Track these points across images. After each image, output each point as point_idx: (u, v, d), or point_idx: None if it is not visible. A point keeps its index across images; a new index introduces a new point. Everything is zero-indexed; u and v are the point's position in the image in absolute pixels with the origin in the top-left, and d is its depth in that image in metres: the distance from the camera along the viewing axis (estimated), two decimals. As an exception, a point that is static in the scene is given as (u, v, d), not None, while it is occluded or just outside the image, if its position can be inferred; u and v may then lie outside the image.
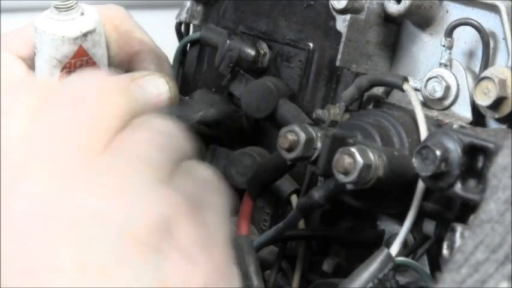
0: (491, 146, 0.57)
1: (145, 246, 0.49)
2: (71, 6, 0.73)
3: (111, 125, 0.53)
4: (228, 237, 0.56)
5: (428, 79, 0.69)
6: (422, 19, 0.72)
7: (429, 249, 0.68)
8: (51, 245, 0.49)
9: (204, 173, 0.57)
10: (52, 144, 0.51)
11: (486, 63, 0.68)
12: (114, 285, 0.48)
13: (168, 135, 0.55)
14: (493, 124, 0.68)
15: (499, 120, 0.67)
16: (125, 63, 0.80)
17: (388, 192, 0.65)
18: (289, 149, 0.64)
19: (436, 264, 0.68)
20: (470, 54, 0.70)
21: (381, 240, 0.72)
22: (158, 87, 0.77)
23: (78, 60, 0.75)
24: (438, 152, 0.57)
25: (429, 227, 0.66)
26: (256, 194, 0.70)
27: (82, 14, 0.74)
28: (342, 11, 0.72)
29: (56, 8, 0.73)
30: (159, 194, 0.51)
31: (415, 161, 0.58)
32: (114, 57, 0.79)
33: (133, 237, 0.49)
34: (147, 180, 0.51)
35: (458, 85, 0.69)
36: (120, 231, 0.49)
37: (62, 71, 0.75)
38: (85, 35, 0.73)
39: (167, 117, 0.56)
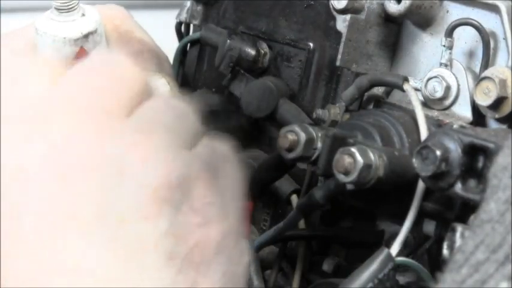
0: (491, 146, 0.57)
1: (163, 201, 0.50)
2: (72, 7, 0.73)
3: (135, 94, 0.54)
4: (241, 211, 0.56)
5: (429, 79, 0.69)
6: (423, 19, 0.72)
7: (429, 249, 0.68)
8: (70, 191, 0.49)
9: (222, 148, 0.58)
10: (76, 102, 0.52)
11: (486, 63, 0.68)
12: (132, 235, 0.49)
13: (185, 113, 0.56)
14: (493, 124, 0.68)
15: (499, 120, 0.67)
16: None
17: (388, 192, 0.65)
18: (289, 149, 0.64)
19: (436, 264, 0.68)
20: (471, 54, 0.70)
21: (381, 240, 0.72)
22: (159, 87, 0.77)
23: (80, 61, 0.75)
24: (438, 152, 0.57)
25: (429, 227, 0.66)
26: (256, 194, 0.70)
27: (83, 15, 0.74)
28: (342, 11, 0.72)
29: (57, 9, 0.73)
30: (179, 156, 0.52)
31: (415, 161, 0.58)
32: None
33: (153, 191, 0.50)
34: (169, 143, 0.52)
35: (458, 85, 0.69)
36: (140, 183, 0.50)
37: None
38: (86, 36, 0.73)
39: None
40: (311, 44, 0.76)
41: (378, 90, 0.73)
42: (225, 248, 0.53)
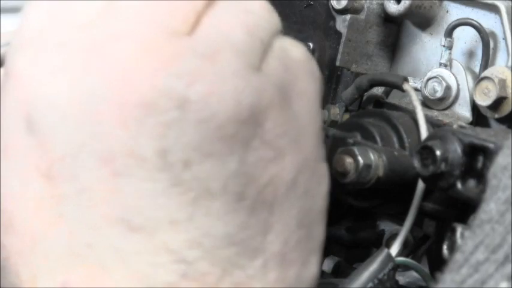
0: (491, 146, 0.57)
1: (231, 138, 0.45)
2: None
3: (196, 4, 0.47)
4: (319, 127, 0.51)
5: (428, 79, 0.69)
6: (423, 19, 0.72)
7: (429, 249, 0.68)
8: (129, 133, 0.44)
9: (297, 53, 0.51)
10: (134, 24, 0.46)
11: (486, 63, 0.68)
12: (197, 178, 0.45)
13: (257, 13, 0.50)
14: (493, 124, 0.68)
15: (499, 120, 0.67)
16: None
17: (388, 192, 0.65)
18: (289, 149, 0.64)
19: (436, 264, 0.68)
20: (470, 54, 0.70)
21: (380, 240, 0.72)
22: None
23: None
24: (438, 152, 0.57)
25: (429, 227, 0.66)
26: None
27: None
28: (342, 11, 0.72)
29: None
30: (248, 82, 0.46)
31: (415, 161, 0.58)
32: None
33: (219, 127, 0.45)
34: (236, 66, 0.46)
35: (458, 85, 0.69)
36: (204, 119, 0.45)
37: None
38: None
39: None
40: (311, 44, 0.76)
41: (378, 90, 0.73)
42: (301, 181, 0.49)
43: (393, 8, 0.70)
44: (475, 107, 0.68)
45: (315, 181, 0.50)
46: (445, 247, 0.55)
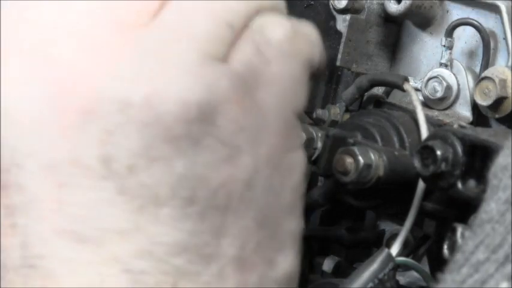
0: (491, 145, 0.57)
1: (178, 140, 0.42)
2: None
3: None
4: (291, 113, 0.48)
5: (429, 79, 0.69)
6: (423, 19, 0.72)
7: (429, 249, 0.68)
8: (71, 141, 0.43)
9: (277, 33, 0.47)
10: (74, 19, 0.43)
11: (486, 63, 0.68)
12: (143, 184, 0.42)
13: None
14: (493, 124, 0.68)
15: (499, 120, 0.67)
16: None
17: (388, 192, 0.65)
18: (290, 149, 0.64)
19: (436, 264, 0.68)
20: (471, 54, 0.70)
21: (381, 240, 0.72)
22: None
23: None
24: (439, 152, 0.57)
25: (429, 227, 0.66)
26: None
27: None
28: (342, 11, 0.72)
29: None
30: (198, 78, 0.43)
31: (415, 161, 0.58)
32: None
33: (165, 131, 0.42)
34: (192, 57, 0.43)
35: (458, 85, 0.69)
36: (149, 124, 0.42)
37: None
38: None
39: None
40: (311, 44, 0.76)
41: (378, 90, 0.73)
42: (261, 179, 0.45)
43: (393, 8, 0.70)
44: (475, 107, 0.68)
45: (280, 175, 0.46)
46: (445, 247, 0.55)
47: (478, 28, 0.68)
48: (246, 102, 0.44)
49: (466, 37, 0.70)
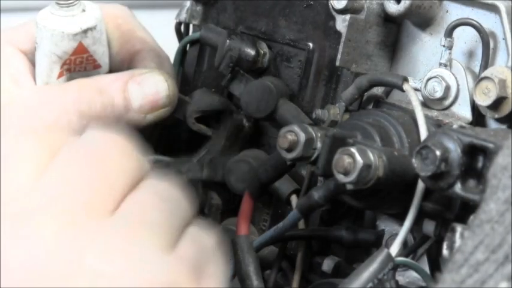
0: (491, 146, 0.57)
1: None
2: (72, 2, 0.73)
3: (120, 188, 0.52)
4: None
5: (428, 79, 0.69)
6: (422, 19, 0.72)
7: (429, 249, 0.68)
8: None
9: (207, 241, 0.55)
10: (59, 201, 0.50)
11: (486, 63, 0.68)
12: None
13: (173, 200, 0.54)
14: (493, 124, 0.68)
15: (499, 120, 0.67)
16: (126, 61, 0.80)
17: (388, 193, 0.65)
18: (289, 149, 0.64)
19: (436, 264, 0.68)
20: (470, 54, 0.70)
21: (380, 240, 0.72)
22: (157, 84, 0.76)
23: (78, 57, 0.75)
24: (438, 152, 0.57)
25: (429, 227, 0.66)
26: (256, 194, 0.70)
27: (83, 10, 0.74)
28: (342, 11, 0.72)
29: (57, 3, 0.73)
30: (162, 261, 0.50)
31: (415, 161, 0.58)
32: (115, 55, 0.79)
33: None
34: (152, 246, 0.50)
35: (458, 85, 0.69)
36: None
37: (61, 67, 0.75)
38: (85, 31, 0.73)
39: (171, 179, 0.55)
40: (310, 44, 0.76)
41: (378, 90, 0.73)
42: None
43: (393, 8, 0.70)
44: (475, 107, 0.68)
45: None
46: (445, 247, 0.55)
47: (478, 28, 0.68)
48: None
49: (465, 37, 0.70)
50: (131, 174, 0.53)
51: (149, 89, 0.76)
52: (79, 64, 0.76)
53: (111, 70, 0.79)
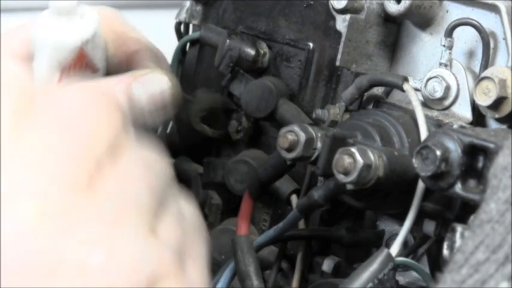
0: (491, 146, 0.57)
1: None
2: (71, 10, 0.72)
3: (98, 155, 0.49)
4: (207, 285, 0.55)
5: (429, 79, 0.69)
6: (422, 19, 0.72)
7: (429, 249, 0.68)
8: None
9: (188, 217, 0.55)
10: (33, 177, 0.48)
11: (486, 63, 0.68)
12: None
13: (155, 168, 0.52)
14: (493, 124, 0.68)
15: (499, 120, 0.67)
16: (123, 63, 0.80)
17: (388, 193, 0.65)
18: (289, 149, 0.64)
19: (436, 264, 0.68)
20: (470, 54, 0.70)
21: (380, 240, 0.72)
22: (161, 84, 0.76)
23: (78, 63, 0.75)
24: (438, 152, 0.57)
25: (429, 227, 0.66)
26: (256, 194, 0.70)
27: (82, 17, 0.73)
28: (342, 11, 0.71)
29: (57, 11, 0.72)
30: (146, 248, 0.49)
31: (415, 161, 0.58)
32: (111, 57, 0.79)
33: None
34: (135, 232, 0.49)
35: (458, 85, 0.69)
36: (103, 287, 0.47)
37: (61, 74, 0.75)
38: (85, 39, 0.73)
39: (150, 143, 0.53)
40: (310, 44, 0.76)
41: (378, 90, 0.73)
42: None
43: (393, 8, 0.70)
44: (475, 107, 0.68)
45: None
46: (445, 247, 0.55)
47: (478, 28, 0.68)
48: (180, 271, 0.51)
49: (465, 37, 0.70)
50: (109, 140, 0.51)
51: (153, 89, 0.75)
52: (78, 69, 0.75)
53: (109, 73, 0.78)
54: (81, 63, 0.75)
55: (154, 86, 0.75)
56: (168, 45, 0.85)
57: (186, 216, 0.54)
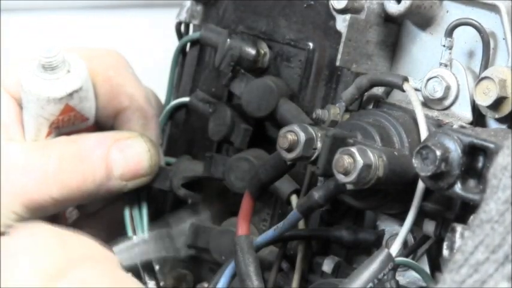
0: (491, 146, 0.57)
1: None
2: (57, 65, 0.71)
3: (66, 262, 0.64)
4: None
5: (429, 79, 0.69)
6: (423, 19, 0.72)
7: (429, 249, 0.68)
8: None
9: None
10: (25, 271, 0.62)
11: (486, 63, 0.68)
12: None
13: None
14: (493, 124, 0.68)
15: (499, 120, 0.67)
16: (111, 117, 0.80)
17: (388, 193, 0.65)
18: (289, 149, 0.64)
19: (436, 264, 0.68)
20: (471, 54, 0.70)
21: (381, 240, 0.72)
22: (139, 154, 0.76)
23: (66, 116, 0.74)
24: (438, 152, 0.57)
25: (429, 227, 0.66)
26: (256, 194, 0.70)
27: (68, 71, 0.72)
28: (342, 11, 0.71)
29: (42, 66, 0.71)
30: None
31: (415, 161, 0.58)
32: (101, 109, 0.78)
33: None
34: None
35: (458, 85, 0.69)
36: None
37: (49, 127, 0.75)
38: (70, 94, 0.72)
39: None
40: (311, 44, 0.76)
41: (378, 90, 0.73)
42: None
43: (393, 8, 0.70)
44: (475, 107, 0.68)
45: None
46: (445, 247, 0.55)
47: (478, 28, 0.68)
48: None
49: (465, 37, 0.70)
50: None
51: (131, 158, 0.76)
52: (67, 121, 0.75)
53: (97, 121, 0.78)
54: (69, 115, 0.75)
55: (132, 154, 0.76)
56: (168, 45, 0.85)
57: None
